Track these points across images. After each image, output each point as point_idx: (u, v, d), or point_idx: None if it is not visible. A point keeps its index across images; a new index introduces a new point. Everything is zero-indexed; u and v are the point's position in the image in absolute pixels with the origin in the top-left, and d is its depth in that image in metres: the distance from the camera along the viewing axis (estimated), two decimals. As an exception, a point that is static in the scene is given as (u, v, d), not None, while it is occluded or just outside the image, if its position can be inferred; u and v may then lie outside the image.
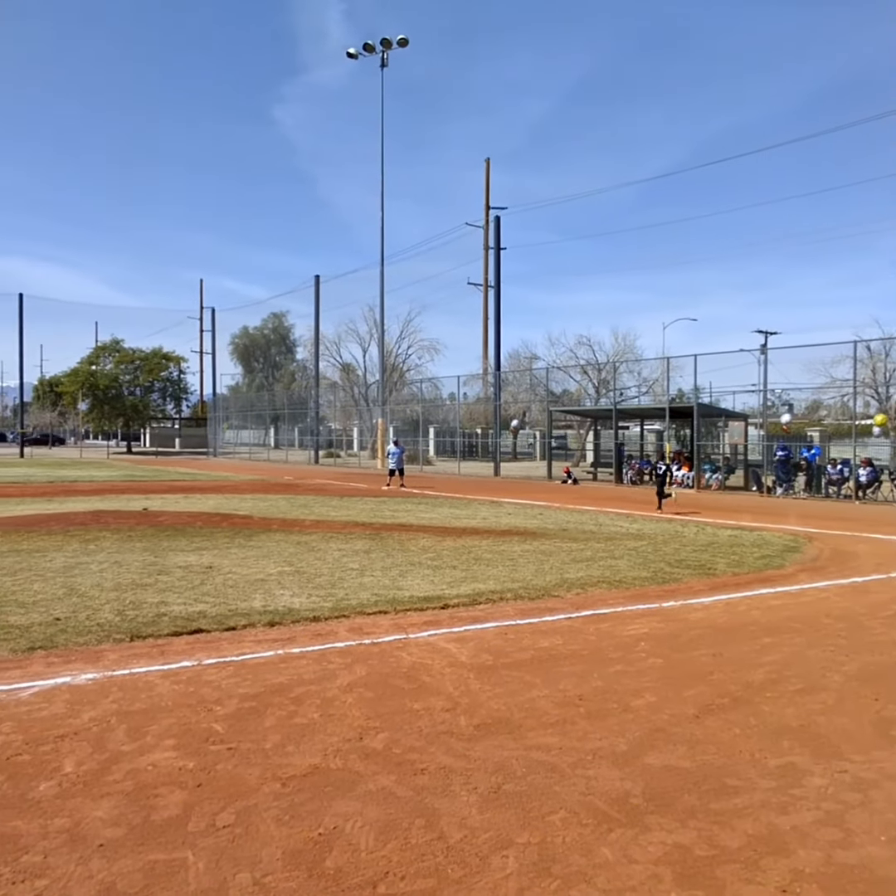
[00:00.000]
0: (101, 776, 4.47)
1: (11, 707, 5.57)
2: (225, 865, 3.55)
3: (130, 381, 76.78)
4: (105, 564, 11.22)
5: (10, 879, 3.43)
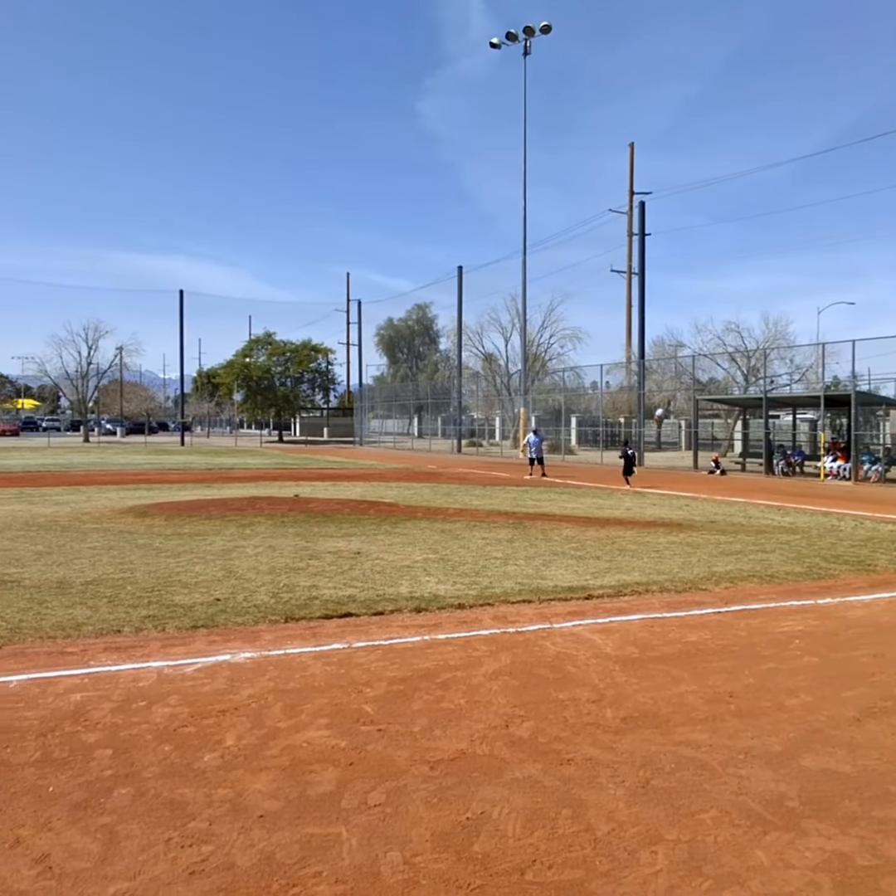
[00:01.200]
0: (259, 751, 4.68)
1: (178, 681, 5.91)
2: (376, 843, 3.66)
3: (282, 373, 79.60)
4: (260, 548, 11.71)
5: (179, 843, 3.64)
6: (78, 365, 73.08)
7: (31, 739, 4.82)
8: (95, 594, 8.63)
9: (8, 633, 7.12)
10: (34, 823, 3.82)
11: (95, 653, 6.62)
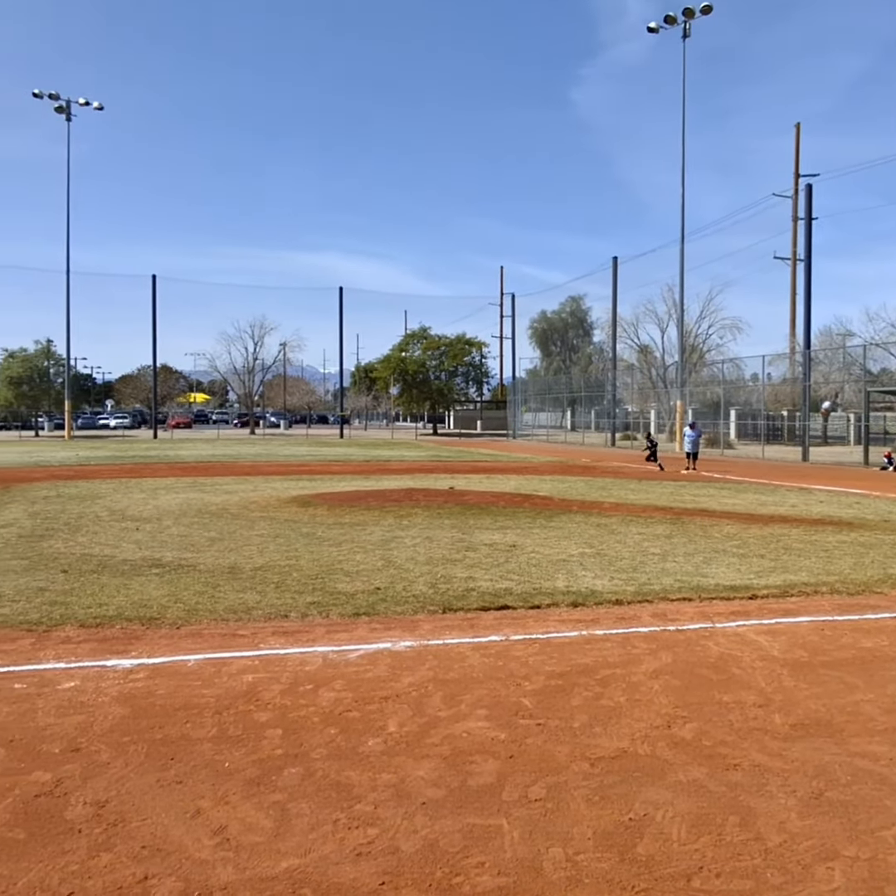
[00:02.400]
0: (421, 738, 4.77)
1: (342, 667, 6.10)
2: (538, 838, 3.65)
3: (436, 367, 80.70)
4: (417, 539, 11.93)
5: (346, 825, 3.76)
6: (245, 360, 76.72)
7: (209, 716, 5.09)
8: (263, 580, 9.03)
9: (185, 614, 7.55)
10: (212, 796, 4.03)
11: (265, 636, 6.92)
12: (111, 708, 5.24)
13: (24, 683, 5.70)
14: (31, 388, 65.94)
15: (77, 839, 3.64)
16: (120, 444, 49.75)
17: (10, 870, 3.39)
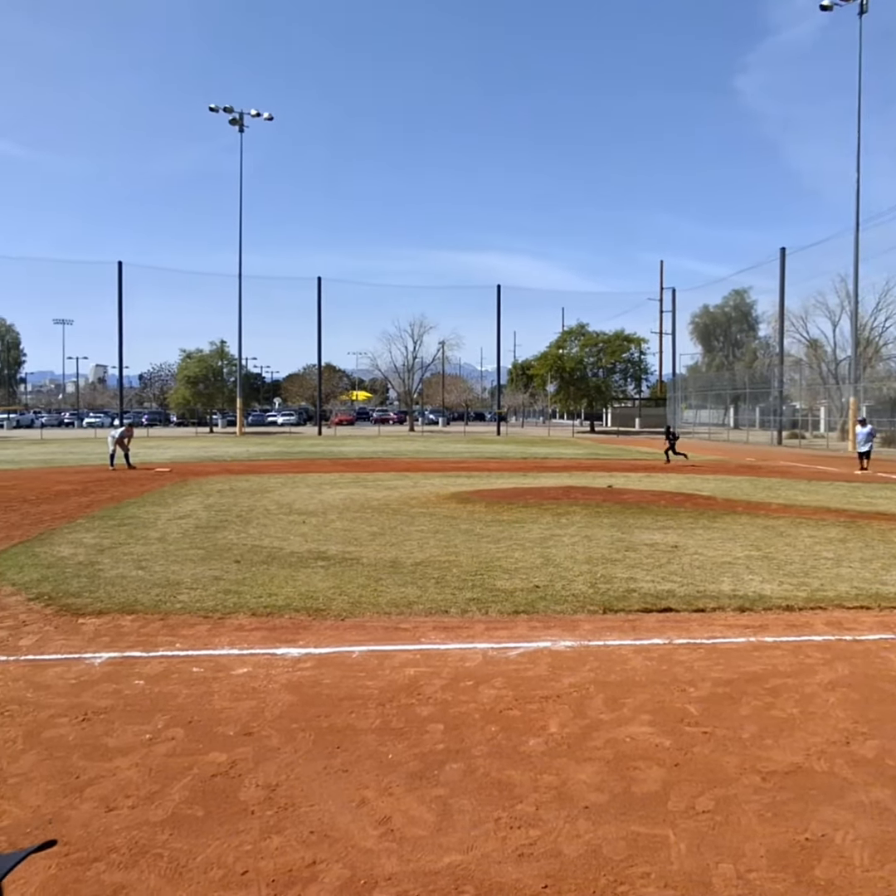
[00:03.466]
0: (582, 741, 4.69)
1: (501, 664, 6.10)
2: (706, 852, 3.52)
3: (594, 363, 79.64)
4: (576, 538, 11.79)
5: (508, 824, 3.74)
6: (405, 359, 78.16)
7: (372, 707, 5.19)
8: (424, 575, 9.15)
9: (350, 606, 7.75)
10: (377, 787, 4.11)
11: (426, 630, 7.01)
12: (280, 695, 5.44)
13: (202, 667, 6.01)
14: (206, 386, 69.58)
15: (250, 820, 3.78)
16: (287, 441, 51.82)
17: (190, 845, 3.57)
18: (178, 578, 8.98)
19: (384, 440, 52.03)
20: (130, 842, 3.60)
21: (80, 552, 10.62)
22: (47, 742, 4.68)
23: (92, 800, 3.99)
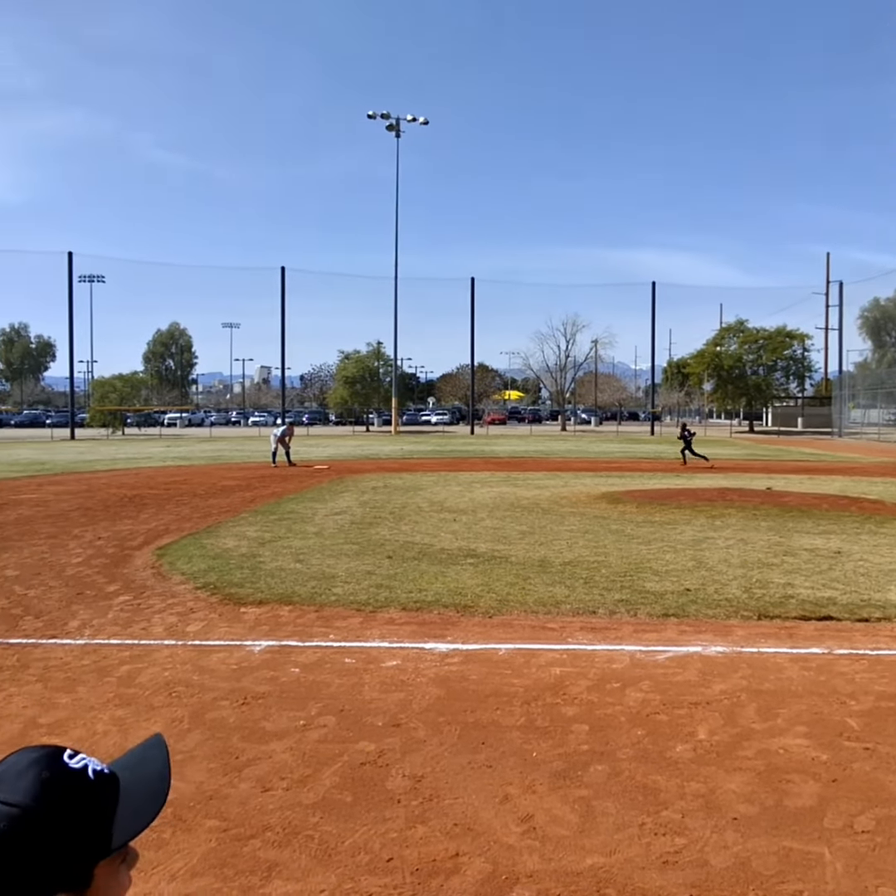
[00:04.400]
0: (732, 749, 4.56)
1: (649, 667, 6.00)
2: (865, 873, 3.35)
3: (753, 361, 76.75)
4: (731, 541, 11.42)
5: (653, 830, 3.68)
6: (557, 358, 77.77)
7: (517, 705, 5.22)
8: (572, 575, 9.10)
9: (497, 604, 7.81)
10: (520, 784, 4.13)
11: (573, 630, 6.98)
12: (428, 688, 5.55)
13: (354, 659, 6.20)
14: (363, 386, 71.53)
15: (396, 809, 3.89)
16: (440, 439, 52.60)
17: (339, 829, 3.70)
18: (333, 572, 9.29)
19: (535, 439, 51.97)
20: (284, 822, 3.78)
21: (243, 545, 11.16)
22: (210, 723, 4.96)
23: (249, 780, 4.21)
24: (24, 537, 11.97)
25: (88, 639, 6.80)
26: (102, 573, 9.40)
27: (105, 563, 9.96)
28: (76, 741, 4.70)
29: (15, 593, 8.44)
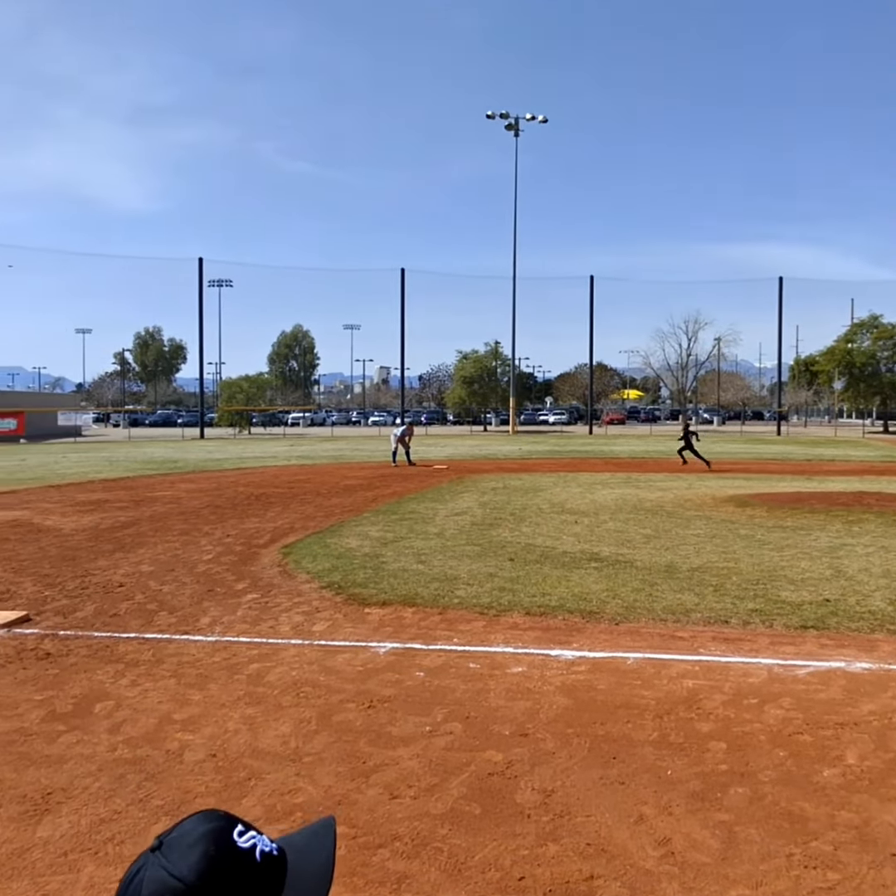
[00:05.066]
0: (886, 777, 4.24)
1: (788, 682, 5.68)
2: None
3: (888, 358, 73.11)
4: (871, 549, 10.81)
5: (802, 863, 3.44)
6: (678, 357, 76.04)
7: (649, 719, 5.02)
8: (701, 581, 8.78)
9: (624, 610, 7.59)
10: (655, 804, 3.95)
11: (704, 641, 6.70)
12: (555, 697, 5.41)
13: (478, 664, 6.12)
14: (480, 386, 71.71)
15: (526, 824, 3.77)
16: (558, 439, 52.15)
17: (468, 843, 3.62)
18: (456, 574, 9.25)
19: (656, 439, 50.86)
20: (412, 832, 3.72)
21: (366, 544, 11.25)
22: (337, 725, 4.97)
23: (377, 786, 4.17)
24: (157, 533, 12.42)
25: (219, 636, 6.95)
26: (231, 570, 9.64)
27: (234, 561, 10.21)
28: (208, 738, 4.78)
29: (150, 588, 8.74)
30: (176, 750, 4.65)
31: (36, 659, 6.36)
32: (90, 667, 6.15)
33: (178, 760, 4.52)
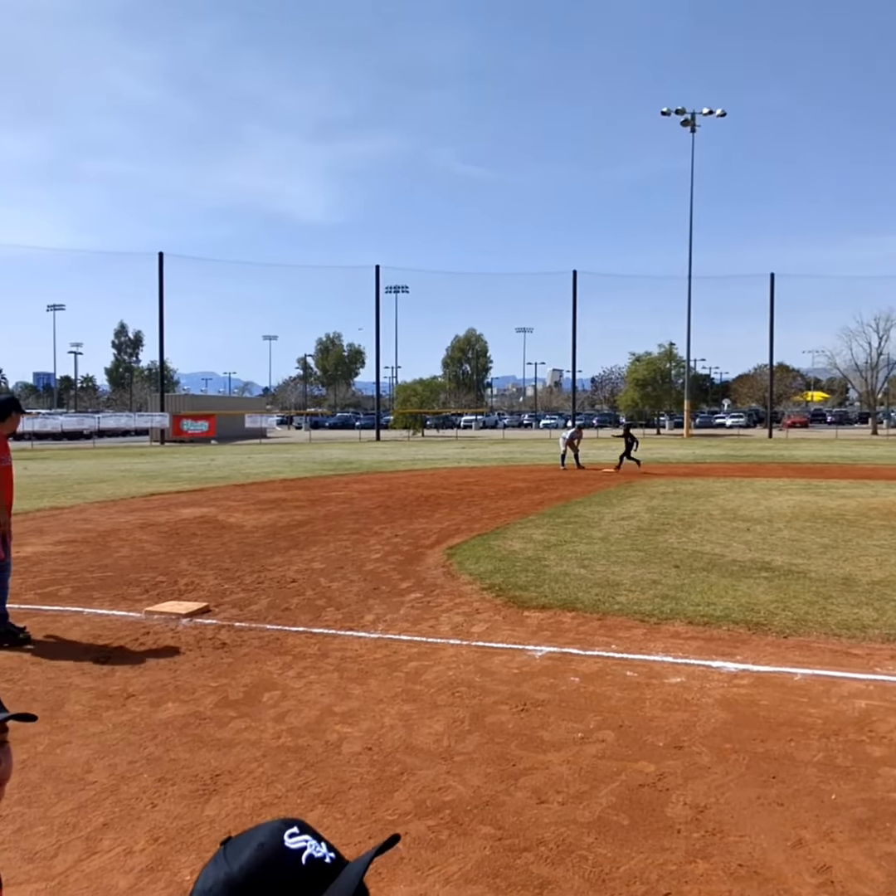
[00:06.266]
0: None
1: (976, 709, 5.25)
2: None
3: None
4: None
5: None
6: (867, 356, 71.49)
7: (815, 738, 4.78)
8: (882, 596, 8.25)
9: (794, 623, 7.24)
10: (816, 828, 3.76)
11: (882, 659, 6.30)
12: (714, 710, 5.24)
13: (635, 672, 6.01)
14: (654, 388, 70.11)
15: (676, 839, 3.68)
16: (734, 443, 50.24)
17: (614, 853, 3.57)
18: (618, 579, 9.11)
19: (841, 444, 48.10)
20: (558, 837, 3.71)
21: (529, 547, 11.27)
22: (489, 727, 5.02)
23: (525, 789, 4.19)
24: (330, 532, 12.92)
25: (381, 633, 7.16)
26: (397, 570, 9.90)
27: (400, 560, 10.48)
28: (365, 732, 4.95)
29: (320, 585, 9.11)
30: (335, 741, 4.84)
31: (213, 648, 6.77)
32: (261, 658, 6.49)
33: (336, 752, 4.70)
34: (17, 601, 8.35)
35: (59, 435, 55.15)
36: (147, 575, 9.72)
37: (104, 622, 7.62)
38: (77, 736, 4.96)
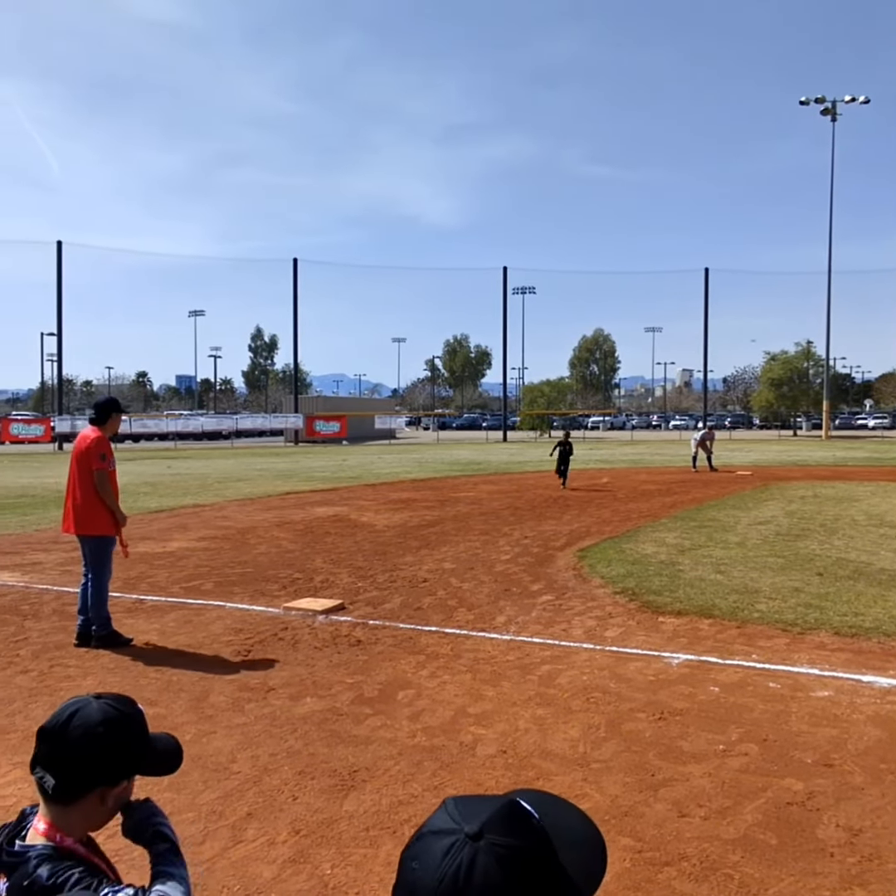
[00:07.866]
0: None
1: None
2: None
3: None
4: None
5: None
6: None
7: (980, 763, 4.46)
8: None
9: (952, 638, 6.80)
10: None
11: None
12: (866, 728, 4.97)
13: (779, 684, 5.77)
14: (790, 388, 67.43)
15: (828, 863, 3.50)
16: (878, 445, 47.73)
17: (762, 874, 3.42)
18: (757, 586, 8.79)
19: None
20: (701, 853, 3.58)
21: (662, 551, 11.01)
22: (626, 734, 4.91)
23: (665, 801, 4.07)
24: (459, 533, 12.98)
25: (513, 635, 7.13)
26: (527, 571, 9.85)
27: (530, 562, 10.43)
28: (500, 735, 4.93)
29: (451, 585, 9.15)
30: (469, 743, 4.84)
31: (348, 645, 6.90)
32: (395, 656, 6.56)
33: (471, 753, 4.70)
34: (164, 594, 8.76)
35: (200, 435, 57.54)
36: (284, 572, 10.01)
37: (244, 616, 7.88)
38: (221, 726, 5.14)
